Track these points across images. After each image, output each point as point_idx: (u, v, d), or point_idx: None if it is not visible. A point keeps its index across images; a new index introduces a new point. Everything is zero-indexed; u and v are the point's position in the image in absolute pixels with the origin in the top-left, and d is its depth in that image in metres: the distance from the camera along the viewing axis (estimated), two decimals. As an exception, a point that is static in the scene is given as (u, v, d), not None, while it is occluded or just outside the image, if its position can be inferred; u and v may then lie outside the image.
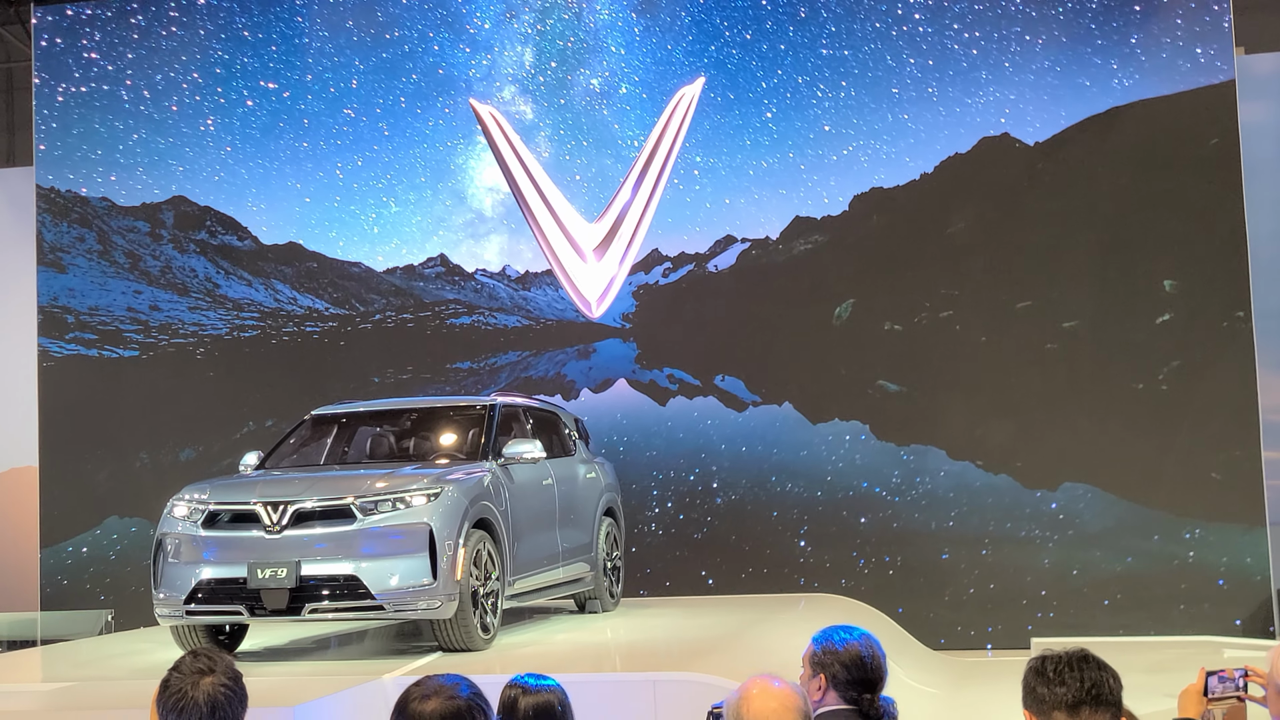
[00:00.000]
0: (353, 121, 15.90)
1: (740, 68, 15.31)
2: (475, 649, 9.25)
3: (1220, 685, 4.43)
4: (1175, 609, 14.00)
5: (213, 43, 15.77)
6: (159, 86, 15.98)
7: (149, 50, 16.07)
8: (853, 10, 15.31)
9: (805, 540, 15.05)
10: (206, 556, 9.19)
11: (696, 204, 15.76)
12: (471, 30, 15.81)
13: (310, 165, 16.12)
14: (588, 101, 15.72)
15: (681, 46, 15.51)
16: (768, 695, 3.58)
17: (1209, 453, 14.19)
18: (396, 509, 9.08)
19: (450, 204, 16.03)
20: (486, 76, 15.84)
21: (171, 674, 3.86)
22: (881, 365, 15.09)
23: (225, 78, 15.91)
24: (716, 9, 15.46)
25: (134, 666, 9.74)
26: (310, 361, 16.52)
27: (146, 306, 16.97)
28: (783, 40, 15.15)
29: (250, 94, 15.91)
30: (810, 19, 15.36)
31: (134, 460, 16.71)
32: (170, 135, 16.73)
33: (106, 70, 16.96)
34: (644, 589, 14.68)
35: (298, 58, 15.70)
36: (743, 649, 9.94)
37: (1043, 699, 3.59)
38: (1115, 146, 14.70)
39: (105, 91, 16.95)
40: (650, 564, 15.23)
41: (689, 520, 15.38)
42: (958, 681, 11.92)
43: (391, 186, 16.05)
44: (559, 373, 16.05)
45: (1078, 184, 14.73)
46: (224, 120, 16.03)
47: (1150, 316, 14.48)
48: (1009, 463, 14.66)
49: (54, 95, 17.08)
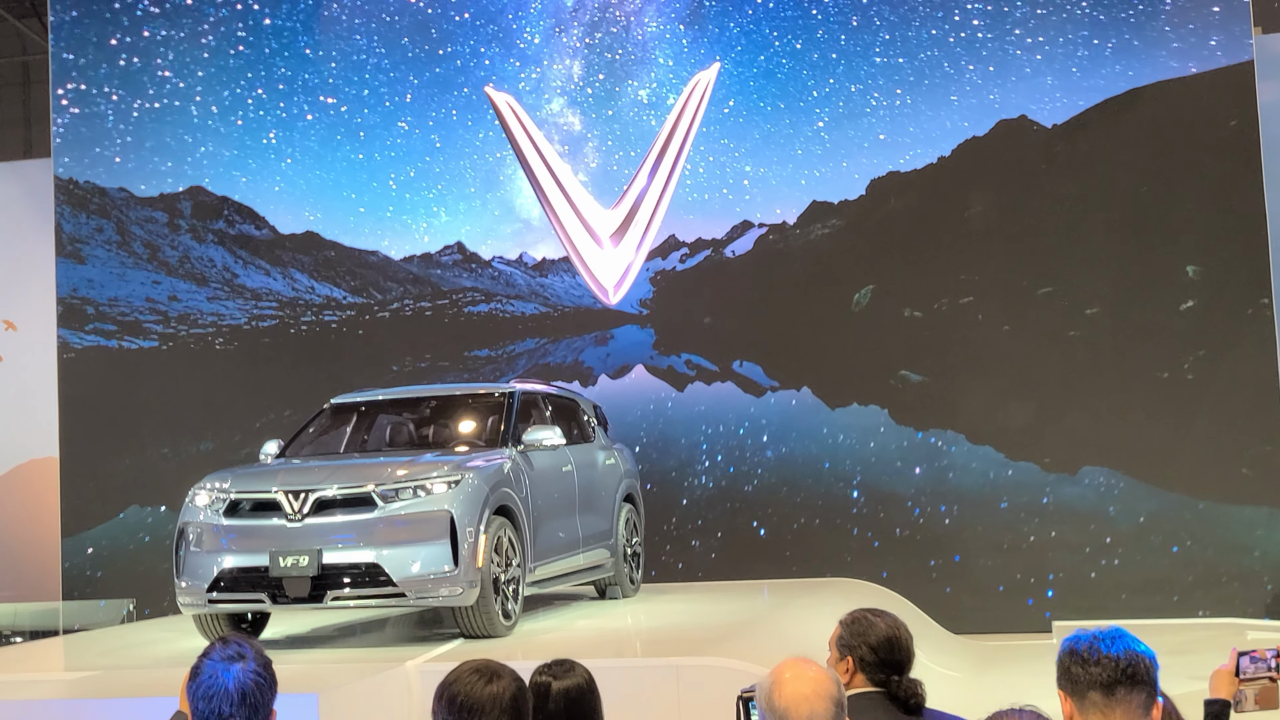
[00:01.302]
0: (406, 134, 16.08)
1: (791, 77, 15.26)
2: (497, 636, 9.26)
3: (1252, 665, 4.42)
4: (1197, 592, 13.95)
5: (276, 60, 16.08)
6: (226, 102, 16.26)
7: (219, 68, 16.32)
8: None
9: (824, 525, 15.03)
10: (228, 545, 9.21)
11: (713, 189, 15.73)
12: (521, 45, 15.97)
13: (365, 176, 16.31)
14: (635, 112, 15.77)
15: (730, 57, 15.48)
16: (801, 680, 3.55)
17: (1232, 436, 14.11)
18: (417, 496, 9.08)
19: (499, 214, 16.13)
20: (535, 89, 15.98)
21: (203, 661, 3.85)
22: (902, 353, 15.03)
23: (287, 93, 16.19)
24: (766, 19, 15.40)
25: (156, 655, 9.78)
26: (329, 350, 16.55)
27: (165, 297, 17.01)
28: (834, 49, 15.10)
29: (310, 108, 16.17)
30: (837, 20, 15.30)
31: (154, 450, 16.76)
32: (189, 129, 16.76)
33: (130, 63, 16.99)
34: (662, 575, 14.68)
35: (356, 74, 16.00)
36: (765, 634, 9.94)
37: (1077, 679, 3.55)
38: (1133, 129, 14.62)
39: (125, 83, 16.97)
40: (669, 550, 15.22)
41: (708, 505, 15.37)
42: (979, 665, 11.91)
43: (442, 196, 16.17)
44: (577, 359, 16.05)
45: (1096, 167, 14.66)
46: (285, 133, 16.31)
47: (1173, 303, 14.39)
48: (1029, 447, 14.61)
49: (72, 86, 17.10)
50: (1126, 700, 3.51)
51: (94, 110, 17.06)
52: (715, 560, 15.19)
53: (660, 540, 15.08)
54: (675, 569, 15.09)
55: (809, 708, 3.50)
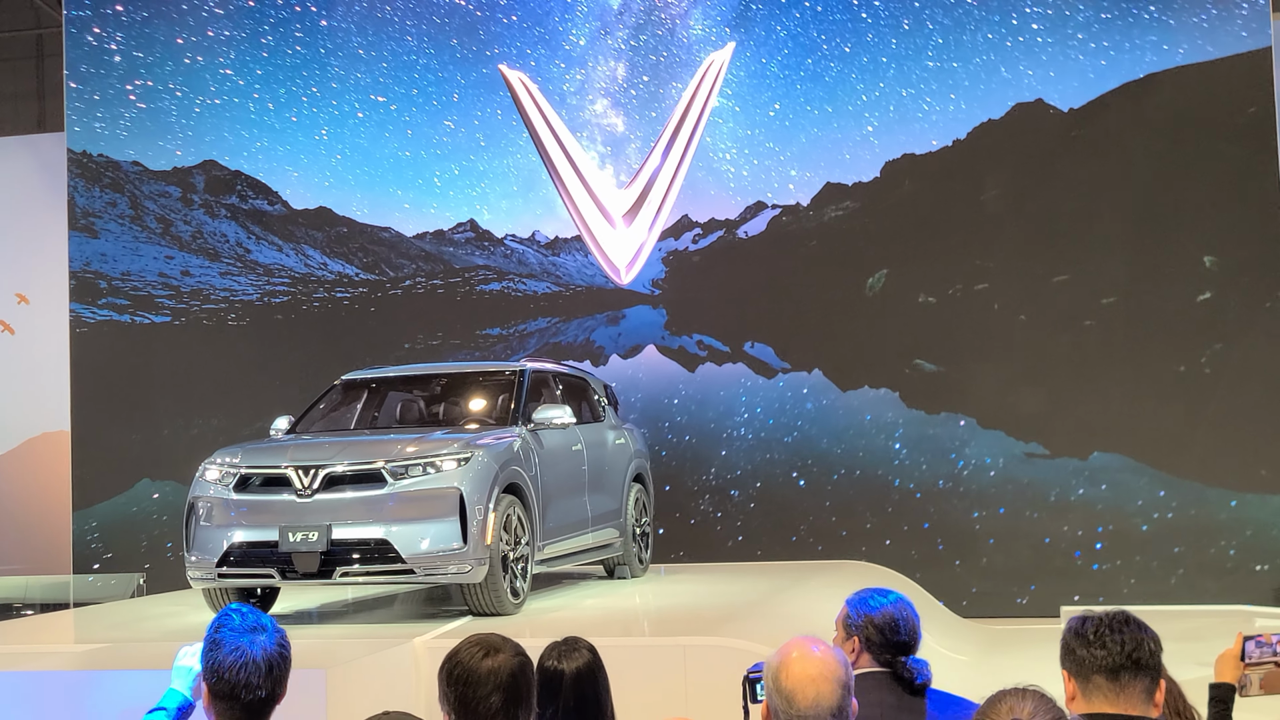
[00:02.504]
0: (452, 133, 16.20)
1: (840, 80, 15.19)
2: (505, 613, 9.28)
3: (1258, 650, 4.41)
4: (1206, 578, 13.93)
5: (331, 60, 16.31)
6: (281, 98, 16.41)
7: (275, 67, 16.48)
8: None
9: (833, 507, 15.02)
10: (238, 520, 9.23)
11: (727, 170, 15.70)
12: (567, 47, 16.03)
13: (410, 173, 16.40)
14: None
15: (777, 60, 15.43)
16: (808, 660, 3.54)
17: (1245, 424, 14.08)
18: (427, 473, 9.10)
19: (541, 213, 16.13)
20: (579, 90, 16.03)
21: (224, 633, 3.81)
22: (916, 339, 14.98)
23: (340, 91, 16.41)
24: (814, 22, 15.33)
25: (166, 628, 9.81)
26: (340, 327, 16.56)
27: (178, 272, 17.03)
28: (884, 53, 15.04)
29: (361, 106, 16.39)
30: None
31: (165, 425, 16.80)
32: (205, 101, 16.79)
33: (143, 35, 17.00)
34: (671, 555, 14.69)
35: (405, 73, 16.21)
36: (772, 615, 9.95)
37: (1082, 661, 3.55)
38: (1150, 114, 14.54)
39: (138, 56, 16.98)
40: (676, 531, 15.22)
41: (717, 487, 15.37)
42: (987, 648, 11.91)
43: (485, 195, 16.21)
44: (588, 338, 16.04)
45: (1112, 152, 14.59)
46: (335, 130, 16.48)
47: (1190, 294, 14.32)
48: (1040, 432, 14.58)
49: (86, 58, 17.12)
50: (1132, 685, 3.51)
51: (108, 83, 17.06)
52: (722, 542, 15.19)
53: (666, 521, 15.07)
54: (683, 550, 15.08)
55: (815, 689, 3.49)
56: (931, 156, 15.08)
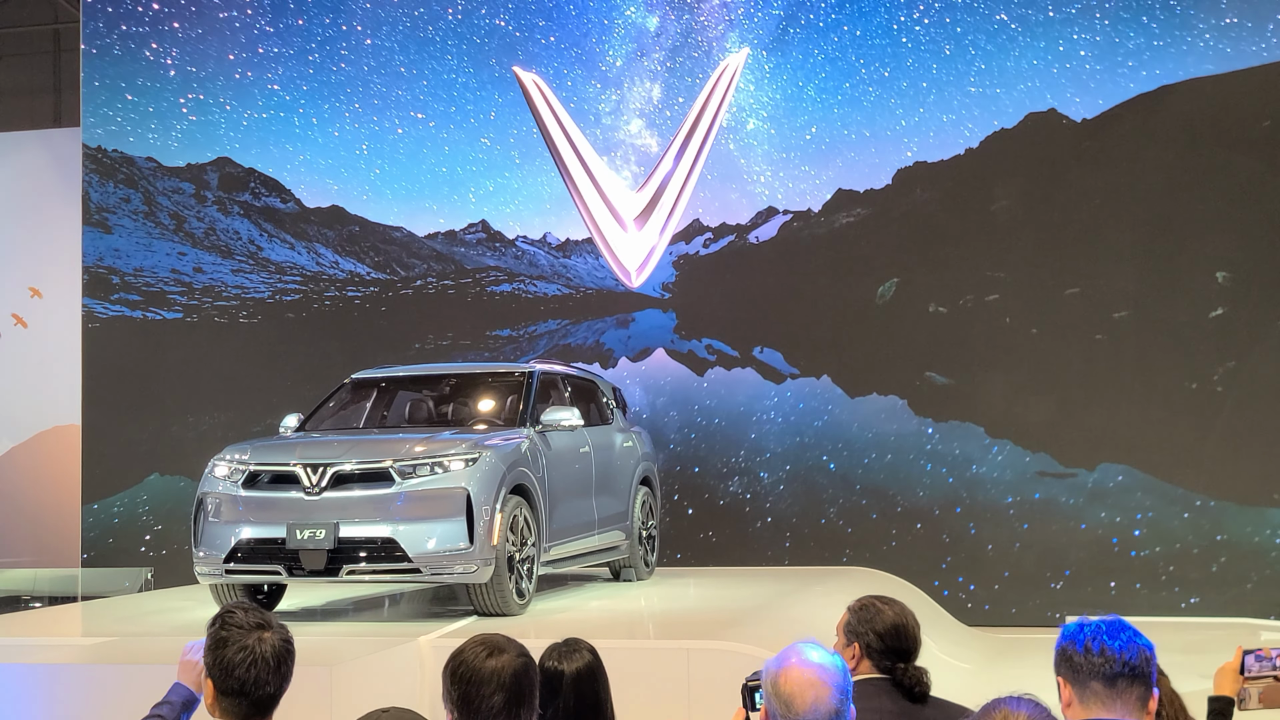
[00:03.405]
0: (488, 150, 16.32)
1: (879, 104, 15.19)
2: (510, 614, 9.31)
3: (1258, 664, 4.42)
4: (1211, 591, 13.92)
5: (374, 78, 16.49)
6: (325, 113, 16.66)
7: (320, 83, 16.68)
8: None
9: (839, 513, 15.04)
10: (246, 516, 9.28)
11: (738, 175, 15.73)
12: (603, 68, 16.10)
13: (447, 189, 16.50)
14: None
15: (814, 83, 15.45)
16: (806, 666, 3.57)
17: (1251, 437, 14.06)
18: (435, 473, 9.13)
19: (552, 215, 16.21)
20: (615, 110, 16.12)
21: (230, 630, 3.84)
22: (926, 349, 14.96)
23: (381, 108, 16.58)
24: (852, 46, 15.34)
25: (173, 623, 9.86)
26: (351, 326, 16.62)
27: (190, 269, 17.11)
28: (925, 77, 15.00)
29: (401, 123, 16.51)
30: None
31: (175, 420, 16.86)
32: (218, 101, 16.88)
33: (155, 29, 17.08)
34: (676, 558, 14.71)
35: (445, 91, 16.38)
36: (775, 619, 9.96)
37: (1079, 667, 3.57)
38: (1164, 126, 14.52)
39: (153, 50, 17.05)
40: (681, 534, 15.25)
41: (723, 491, 15.39)
42: (990, 658, 11.91)
43: (519, 211, 16.30)
44: (597, 341, 16.08)
45: (1125, 164, 14.58)
46: (376, 145, 16.62)
47: (1202, 310, 14.29)
48: (1048, 442, 14.57)
49: (102, 55, 17.20)
50: (1128, 692, 3.54)
51: (123, 79, 17.14)
52: (725, 545, 15.20)
53: (671, 523, 15.11)
54: (687, 553, 15.11)
55: (814, 694, 3.52)
56: (943, 165, 15.09)
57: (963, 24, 15.08)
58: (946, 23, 15.10)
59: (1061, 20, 14.79)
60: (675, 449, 15.44)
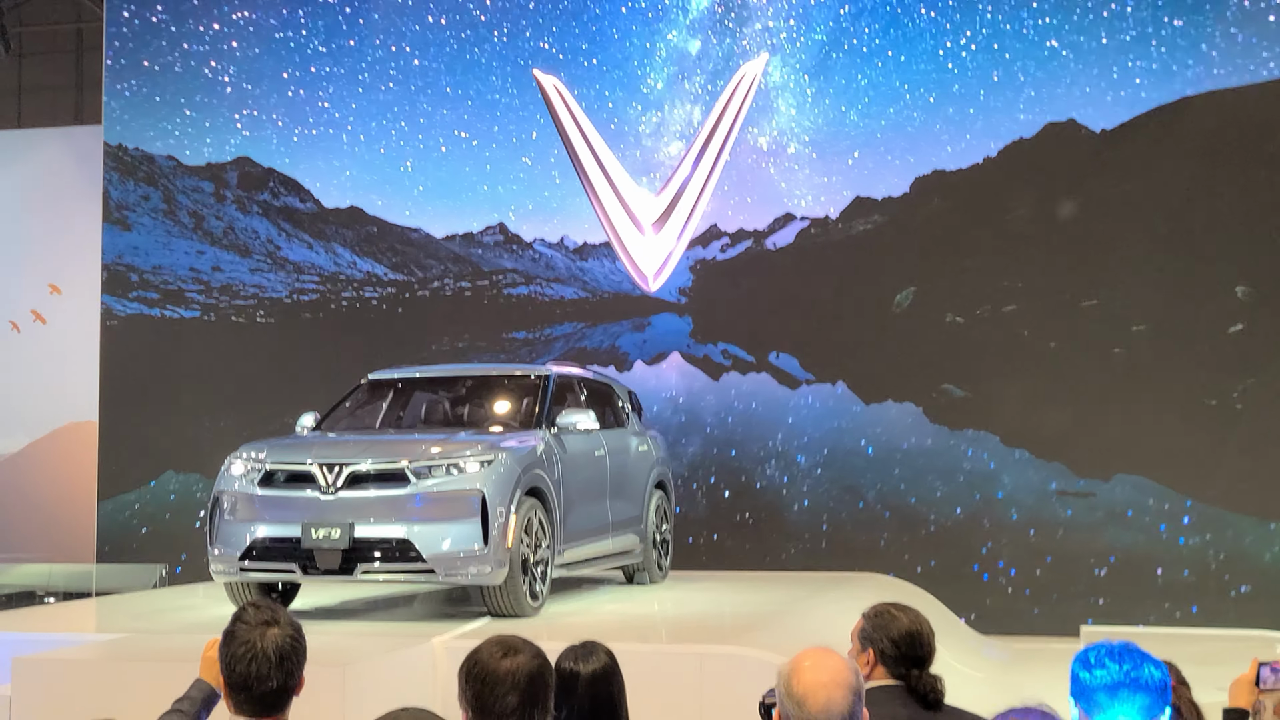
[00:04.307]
0: (528, 169, 16.42)
1: (923, 132, 15.18)
2: (524, 616, 9.31)
3: (1273, 676, 4.41)
4: (1227, 602, 13.88)
5: (420, 97, 16.68)
6: (373, 130, 16.86)
7: (369, 102, 16.88)
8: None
9: (854, 519, 15.02)
10: (262, 515, 9.30)
11: (756, 181, 15.73)
12: (644, 90, 16.18)
13: (487, 207, 16.62)
14: (754, 159, 15.78)
15: (856, 108, 15.43)
16: (820, 669, 3.59)
17: (1269, 448, 14.01)
18: (450, 474, 9.14)
19: (570, 218, 16.26)
20: (655, 133, 16.20)
21: (237, 625, 3.90)
22: (943, 359, 14.93)
23: (426, 126, 16.73)
24: (896, 71, 15.33)
25: (188, 621, 9.88)
26: (368, 326, 16.66)
27: (209, 267, 17.17)
28: (973, 104, 14.97)
29: (445, 141, 16.66)
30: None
31: (192, 418, 16.90)
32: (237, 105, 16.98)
33: (182, 29, 17.17)
34: (690, 563, 14.70)
35: (489, 111, 16.53)
36: (790, 625, 9.95)
37: (1085, 684, 3.65)
38: (1183, 138, 14.47)
39: (176, 49, 17.15)
40: (696, 539, 15.24)
41: (737, 495, 15.39)
42: (1004, 666, 11.89)
43: (557, 230, 16.36)
44: (613, 344, 16.09)
45: (1144, 174, 14.54)
46: (419, 163, 16.74)
47: (1222, 325, 14.22)
48: (1064, 451, 14.54)
49: (124, 54, 17.29)
50: (1129, 704, 3.57)
51: (144, 78, 17.23)
52: (743, 550, 15.21)
53: (686, 528, 15.11)
54: (703, 558, 15.11)
55: (826, 695, 3.53)
56: (961, 174, 15.07)
57: (982, 32, 15.05)
58: (994, 48, 15.03)
59: (1081, 29, 14.74)
60: (690, 450, 15.44)
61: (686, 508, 15.11)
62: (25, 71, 20.70)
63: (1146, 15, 14.60)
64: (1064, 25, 14.83)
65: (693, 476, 15.39)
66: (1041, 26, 14.88)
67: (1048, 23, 14.87)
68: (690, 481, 15.31)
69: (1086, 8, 14.76)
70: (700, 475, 15.47)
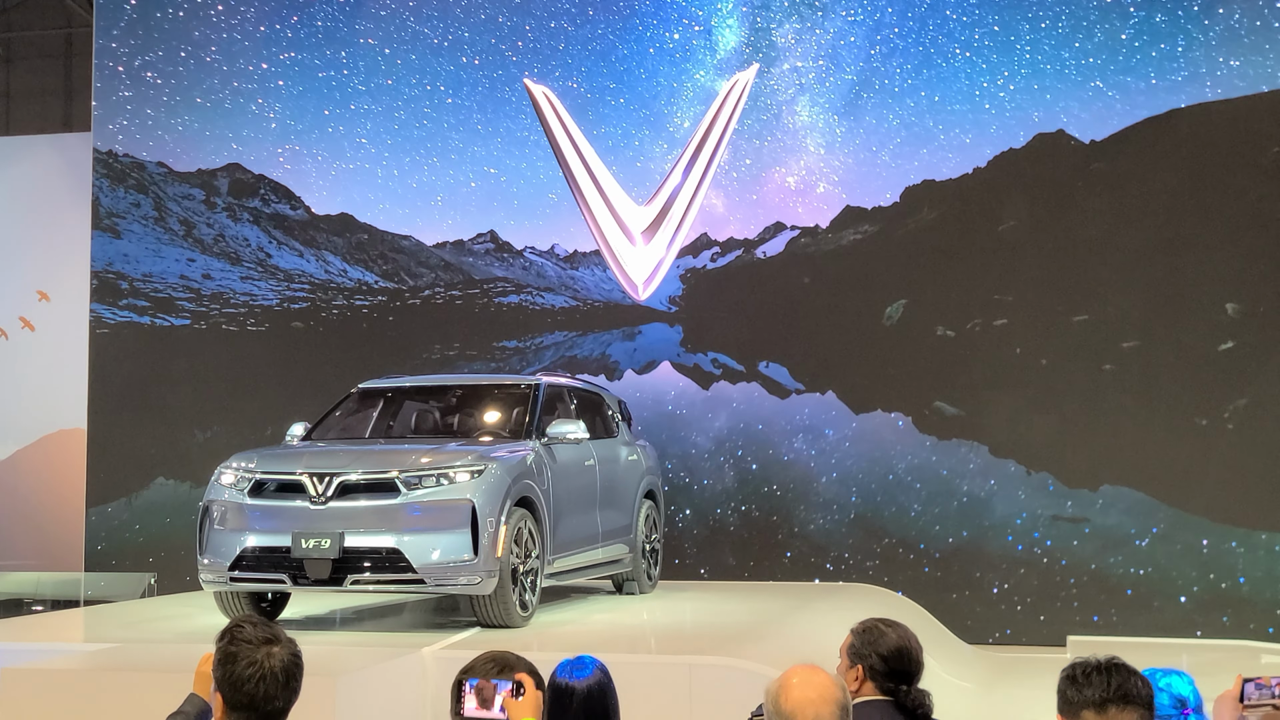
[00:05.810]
0: (554, 205, 16.39)
1: (963, 189, 15.10)
2: (513, 626, 9.32)
3: (1257, 692, 4.43)
4: (1215, 613, 13.92)
5: (453, 134, 16.71)
6: (406, 165, 16.87)
7: (404, 138, 16.89)
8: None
9: (843, 530, 15.05)
10: (252, 524, 9.30)
11: (747, 190, 15.77)
12: (671, 128, 16.15)
13: (478, 215, 16.62)
14: (781, 199, 15.76)
15: (889, 149, 15.43)
16: (807, 685, 3.62)
17: (1255, 460, 14.06)
18: (440, 484, 9.15)
19: (560, 227, 16.30)
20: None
21: (239, 645, 3.85)
22: (932, 371, 14.93)
23: (457, 162, 16.73)
24: (930, 112, 15.37)
25: (177, 630, 9.87)
26: (358, 335, 16.66)
27: (199, 275, 17.15)
28: (1013, 139, 14.94)
29: (474, 176, 16.68)
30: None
31: (181, 427, 16.89)
32: (226, 108, 16.97)
33: (173, 35, 17.17)
34: (679, 573, 14.72)
35: (519, 148, 16.55)
36: (779, 636, 9.97)
37: (1072, 700, 3.68)
38: (1173, 150, 14.50)
39: (165, 57, 17.14)
40: (686, 548, 15.27)
41: (726, 505, 15.41)
42: (993, 678, 11.90)
43: (548, 239, 16.41)
44: (604, 353, 16.11)
45: (1133, 186, 14.58)
46: (450, 197, 16.72)
47: (1213, 342, 14.24)
48: (1051, 462, 14.58)
49: (115, 60, 17.28)
50: (1118, 717, 3.59)
51: (135, 84, 17.22)
52: (731, 562, 15.23)
53: (675, 538, 15.13)
54: (692, 568, 15.14)
55: (814, 711, 3.56)
56: (951, 184, 15.11)
57: (971, 43, 15.09)
58: (983, 66, 15.12)
59: (1070, 40, 14.79)
60: (672, 462, 15.46)
61: (677, 517, 15.13)
62: (14, 77, 20.69)
63: (1136, 27, 14.65)
64: (1050, 33, 14.87)
65: (679, 489, 15.39)
66: (1030, 35, 14.92)
67: (1033, 31, 14.90)
68: (673, 496, 15.32)
69: (1076, 19, 14.80)
70: (686, 487, 15.47)
